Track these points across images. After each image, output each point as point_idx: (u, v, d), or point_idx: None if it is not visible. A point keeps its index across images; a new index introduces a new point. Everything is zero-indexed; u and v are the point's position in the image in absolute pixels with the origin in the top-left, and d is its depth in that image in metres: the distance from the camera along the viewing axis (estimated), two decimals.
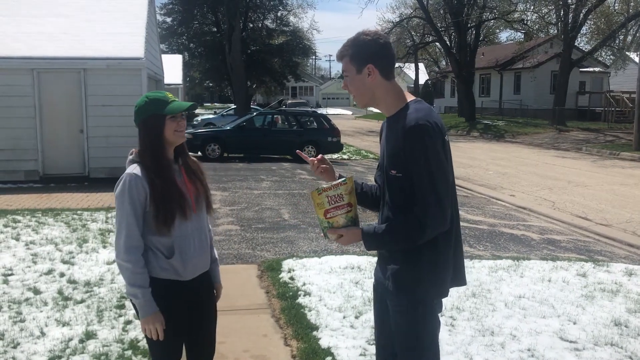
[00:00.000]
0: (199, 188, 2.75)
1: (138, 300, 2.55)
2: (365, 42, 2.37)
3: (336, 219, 2.37)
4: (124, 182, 2.58)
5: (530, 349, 4.22)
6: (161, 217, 2.56)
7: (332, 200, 2.36)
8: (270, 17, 44.11)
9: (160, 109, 2.60)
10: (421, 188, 2.24)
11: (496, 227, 8.69)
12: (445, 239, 2.34)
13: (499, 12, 35.58)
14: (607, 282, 5.84)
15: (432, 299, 2.40)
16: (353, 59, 2.38)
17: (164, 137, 2.63)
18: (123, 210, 2.56)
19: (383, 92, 2.41)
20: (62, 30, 12.72)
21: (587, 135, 27.22)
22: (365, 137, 29.49)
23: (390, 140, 2.37)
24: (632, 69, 30.86)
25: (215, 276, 2.94)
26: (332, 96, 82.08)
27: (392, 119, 2.41)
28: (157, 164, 2.61)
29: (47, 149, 12.15)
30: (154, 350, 2.73)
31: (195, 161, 2.85)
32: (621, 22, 30.46)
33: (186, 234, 2.65)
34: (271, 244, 7.37)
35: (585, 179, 14.37)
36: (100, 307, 4.97)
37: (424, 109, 2.32)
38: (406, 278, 2.36)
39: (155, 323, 2.56)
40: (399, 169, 2.31)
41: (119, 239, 2.57)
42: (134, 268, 2.54)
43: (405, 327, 2.42)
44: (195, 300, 2.76)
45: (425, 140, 2.24)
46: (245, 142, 17.86)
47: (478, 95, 41.86)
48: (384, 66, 2.38)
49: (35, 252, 6.64)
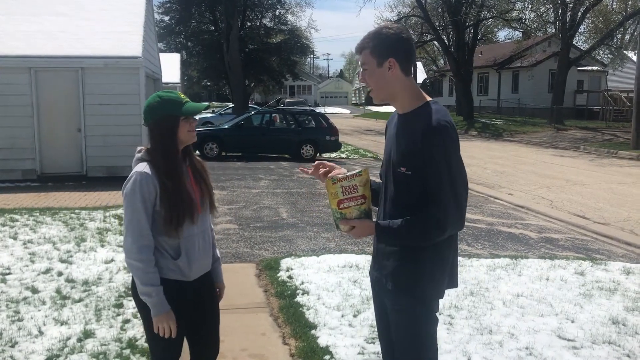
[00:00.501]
0: (204, 189, 2.75)
1: (151, 299, 2.53)
2: (388, 35, 2.34)
3: (349, 210, 2.35)
4: (134, 181, 2.55)
5: (529, 347, 4.22)
6: (170, 220, 2.55)
7: (346, 191, 2.34)
8: (268, 16, 44.05)
9: (176, 110, 2.57)
10: (440, 188, 2.23)
11: (494, 226, 8.69)
12: (447, 240, 2.34)
13: (497, 11, 35.60)
14: (605, 281, 5.85)
15: (430, 299, 2.40)
16: (374, 52, 2.35)
17: (178, 138, 2.60)
18: (134, 209, 2.53)
19: (401, 88, 2.38)
20: (60, 29, 12.69)
21: (585, 134, 27.26)
22: (364, 136, 29.49)
23: (404, 137, 2.35)
24: (630, 68, 30.87)
25: (217, 275, 2.95)
26: (330, 95, 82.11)
27: (407, 116, 2.38)
28: (168, 165, 2.59)
29: (45, 147, 12.13)
30: (155, 349, 2.73)
31: (200, 161, 2.83)
32: (619, 21, 30.49)
33: (192, 235, 2.66)
34: (269, 242, 7.37)
35: (583, 178, 14.38)
36: (99, 306, 4.96)
37: (444, 110, 2.32)
38: (406, 278, 2.35)
39: (168, 321, 2.56)
40: (409, 167, 2.29)
41: (129, 238, 2.54)
42: (146, 267, 2.53)
43: (404, 327, 2.42)
44: (198, 300, 2.76)
45: (447, 141, 2.24)
46: (243, 141, 17.83)
47: (476, 94, 41.91)
48: (405, 61, 2.36)
49: (33, 251, 6.63)
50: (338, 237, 7.51)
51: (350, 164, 17.03)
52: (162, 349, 2.70)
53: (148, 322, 2.63)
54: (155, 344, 2.70)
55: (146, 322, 2.68)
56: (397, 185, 2.36)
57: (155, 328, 2.56)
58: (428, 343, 2.43)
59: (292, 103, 50.22)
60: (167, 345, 2.66)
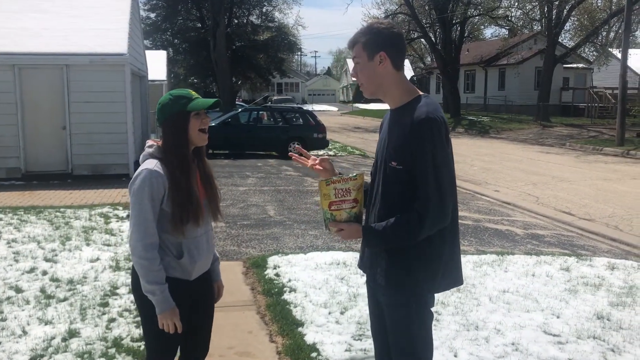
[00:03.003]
0: (209, 192, 2.75)
1: (156, 297, 2.53)
2: (380, 29, 2.38)
3: (340, 212, 2.36)
4: (143, 178, 2.52)
5: (515, 343, 4.25)
6: (176, 219, 2.55)
7: (338, 193, 2.36)
8: (255, 13, 43.90)
9: (184, 106, 2.59)
10: (425, 181, 2.24)
11: (481, 223, 8.73)
12: (439, 234, 2.33)
13: (484, 9, 35.75)
14: (590, 276, 5.90)
15: (423, 293, 2.39)
16: (366, 46, 2.37)
17: (189, 135, 2.60)
18: (142, 206, 2.51)
19: (391, 82, 2.40)
20: (44, 26, 12.56)
21: (570, 131, 27.48)
22: (351, 134, 29.50)
23: (395, 131, 2.36)
24: (614, 65, 31.15)
25: (217, 274, 2.95)
26: (318, 92, 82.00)
27: (398, 110, 2.39)
28: (179, 164, 2.58)
29: (29, 146, 12.00)
30: (152, 346, 2.72)
31: (209, 166, 2.83)
32: (604, 19, 30.76)
33: (196, 236, 2.66)
34: (256, 240, 7.35)
35: (569, 174, 14.50)
36: (84, 305, 4.92)
37: (434, 104, 2.33)
38: (397, 272, 2.34)
39: (173, 318, 2.56)
40: (400, 161, 2.29)
41: (135, 235, 2.52)
42: (151, 265, 2.52)
43: (398, 322, 2.41)
44: (196, 299, 2.76)
45: (434, 133, 2.24)
46: (230, 138, 17.76)
47: (463, 92, 42.06)
48: (396, 56, 2.38)
49: (17, 250, 6.56)
50: (325, 235, 7.51)
51: (337, 161, 17.03)
52: (160, 346, 2.69)
53: (147, 318, 2.63)
54: (153, 340, 2.69)
55: (145, 319, 2.67)
56: (386, 181, 2.36)
57: (160, 325, 2.56)
58: (423, 338, 2.42)
59: (279, 100, 50.17)
60: (165, 342, 2.66)
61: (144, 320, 2.70)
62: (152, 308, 2.56)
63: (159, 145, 2.65)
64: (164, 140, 2.63)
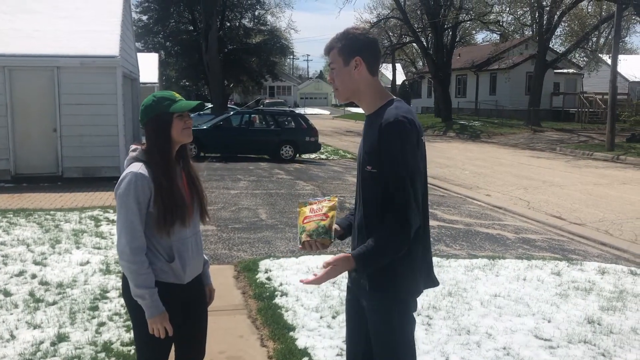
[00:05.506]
0: (194, 193, 2.74)
1: (145, 301, 2.51)
2: (355, 35, 2.41)
3: (309, 223, 2.44)
4: (129, 182, 2.52)
5: (506, 347, 4.25)
6: (162, 221, 2.54)
7: (312, 211, 2.48)
8: (247, 16, 43.98)
9: (167, 107, 2.59)
10: (396, 183, 2.24)
11: (472, 227, 8.75)
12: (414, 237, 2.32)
13: (475, 14, 35.92)
14: (580, 281, 5.92)
15: (407, 297, 2.39)
16: (342, 51, 2.41)
17: (172, 136, 2.61)
18: (128, 210, 2.51)
19: (366, 87, 2.43)
20: (35, 28, 12.48)
21: (561, 136, 27.63)
22: (344, 137, 29.53)
23: (368, 136, 2.39)
24: (605, 71, 31.38)
25: (207, 278, 2.94)
26: (310, 96, 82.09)
27: (372, 116, 2.42)
28: (164, 165, 2.58)
29: (19, 148, 11.92)
30: (144, 351, 2.70)
31: (195, 167, 2.83)
32: (594, 25, 31.00)
33: (185, 238, 2.65)
34: (248, 244, 7.32)
35: (560, 179, 14.56)
36: (73, 309, 4.88)
37: (405, 107, 2.35)
38: (381, 277, 2.35)
39: (163, 322, 2.54)
40: (374, 164, 2.32)
41: (123, 239, 2.51)
42: (140, 269, 2.51)
43: (381, 327, 2.41)
44: (189, 303, 2.75)
45: (402, 135, 2.26)
46: (222, 141, 17.71)
47: (454, 96, 42.21)
48: (371, 61, 2.41)
49: (5, 254, 6.50)
50: None
51: (329, 165, 17.03)
52: (151, 351, 2.67)
53: (138, 323, 2.61)
54: (144, 345, 2.67)
55: (136, 323, 2.65)
56: (365, 185, 2.39)
57: (150, 329, 2.55)
58: (406, 343, 2.42)
59: (271, 104, 50.11)
60: (156, 347, 2.64)
61: (134, 325, 2.69)
62: (142, 313, 2.54)
63: (142, 148, 2.65)
64: (148, 141, 2.64)
